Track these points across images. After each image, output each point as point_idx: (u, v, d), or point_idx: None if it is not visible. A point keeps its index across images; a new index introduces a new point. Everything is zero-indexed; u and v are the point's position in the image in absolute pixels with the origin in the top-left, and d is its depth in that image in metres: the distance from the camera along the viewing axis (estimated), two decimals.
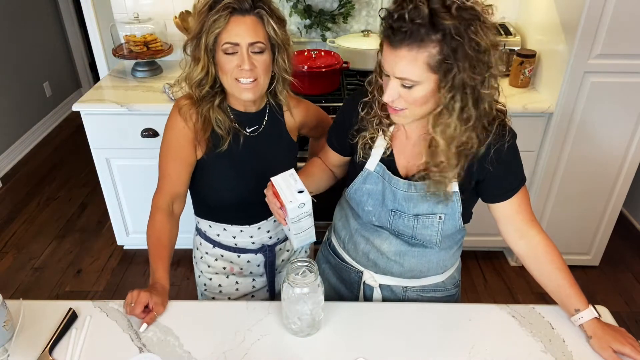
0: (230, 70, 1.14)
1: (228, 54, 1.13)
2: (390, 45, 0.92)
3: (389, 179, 1.12)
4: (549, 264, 1.13)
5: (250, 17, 1.11)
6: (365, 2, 2.49)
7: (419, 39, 0.88)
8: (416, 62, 0.91)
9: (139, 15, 2.40)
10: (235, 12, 1.10)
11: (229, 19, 1.10)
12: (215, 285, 1.41)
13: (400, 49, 0.90)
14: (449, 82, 0.92)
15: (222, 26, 1.10)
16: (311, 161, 1.34)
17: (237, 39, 1.11)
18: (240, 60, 1.12)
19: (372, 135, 1.12)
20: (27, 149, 3.72)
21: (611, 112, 2.06)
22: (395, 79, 0.95)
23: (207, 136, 1.22)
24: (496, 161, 1.06)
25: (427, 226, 1.13)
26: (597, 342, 1.06)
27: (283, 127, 1.32)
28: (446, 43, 0.88)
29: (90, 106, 2.15)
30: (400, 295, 1.25)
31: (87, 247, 2.74)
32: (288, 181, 1.07)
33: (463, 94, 0.94)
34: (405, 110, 1.00)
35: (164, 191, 1.24)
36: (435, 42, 0.88)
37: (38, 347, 1.05)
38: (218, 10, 1.09)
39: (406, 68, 0.92)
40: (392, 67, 0.94)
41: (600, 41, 1.90)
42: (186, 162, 1.24)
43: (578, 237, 2.43)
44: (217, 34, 1.11)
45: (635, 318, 2.29)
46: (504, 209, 1.14)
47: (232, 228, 1.34)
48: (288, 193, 1.05)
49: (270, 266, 1.42)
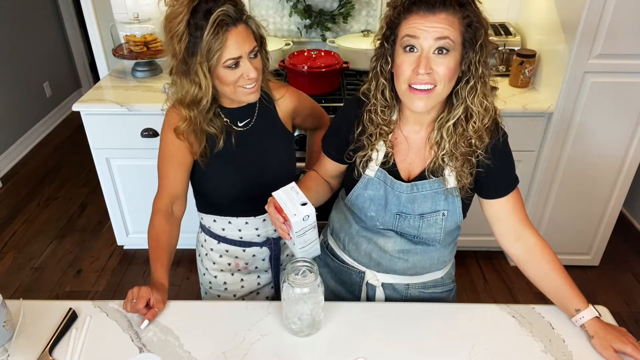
0: (235, 81, 1.14)
1: (231, 68, 1.11)
2: (426, 12, 0.95)
3: (392, 183, 1.13)
4: (546, 265, 1.13)
5: (241, 25, 1.10)
6: (365, 2, 2.49)
7: (455, 3, 0.95)
8: (453, 25, 0.96)
9: (139, 15, 2.40)
10: (229, 26, 1.08)
11: (226, 37, 1.08)
12: (220, 283, 1.42)
13: (439, 13, 0.95)
14: (477, 52, 0.99)
15: (221, 47, 1.07)
16: (307, 175, 1.32)
17: (238, 53, 1.10)
18: (246, 70, 1.12)
19: (371, 152, 1.13)
20: (27, 149, 3.72)
21: (611, 112, 2.06)
22: (429, 49, 0.97)
23: (202, 145, 1.22)
24: (493, 156, 1.08)
25: (432, 224, 1.14)
26: (598, 342, 1.06)
27: (275, 116, 1.32)
28: (472, 11, 0.97)
29: (90, 106, 2.16)
30: (403, 293, 1.25)
31: (87, 247, 2.74)
32: (290, 194, 1.06)
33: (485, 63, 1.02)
34: (435, 89, 1.00)
35: (163, 193, 1.24)
36: (462, 12, 0.96)
37: (38, 347, 1.05)
38: (215, 30, 1.05)
39: (446, 29, 0.95)
40: (430, 33, 0.95)
41: (600, 41, 1.90)
42: (182, 164, 1.24)
43: (578, 237, 2.43)
44: (219, 55, 1.08)
45: (635, 318, 2.29)
46: (499, 209, 1.15)
47: (237, 221, 1.35)
48: (291, 206, 1.04)
49: (275, 260, 1.42)
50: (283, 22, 2.55)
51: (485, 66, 1.02)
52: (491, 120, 1.06)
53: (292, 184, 1.07)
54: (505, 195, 1.13)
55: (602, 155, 2.17)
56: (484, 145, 1.07)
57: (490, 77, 1.05)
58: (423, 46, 0.97)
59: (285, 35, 2.59)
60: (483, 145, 1.07)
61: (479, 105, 1.04)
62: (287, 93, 1.34)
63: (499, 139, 1.09)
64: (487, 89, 1.04)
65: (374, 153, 1.12)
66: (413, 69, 0.98)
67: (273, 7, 2.50)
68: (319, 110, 1.48)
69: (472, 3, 0.98)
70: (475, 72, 1.02)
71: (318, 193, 1.28)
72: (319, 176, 1.31)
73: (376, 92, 1.08)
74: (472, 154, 1.07)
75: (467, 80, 1.03)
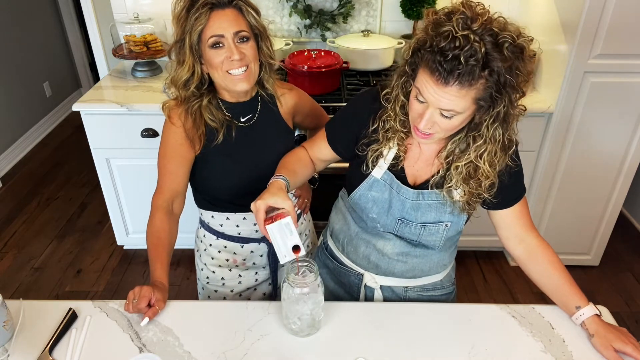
0: (220, 63, 1.15)
1: (215, 47, 1.14)
2: (439, 81, 0.90)
3: (398, 188, 1.12)
4: (548, 265, 1.13)
5: (229, 9, 1.14)
6: (365, 2, 2.49)
7: (471, 78, 0.88)
8: (464, 98, 0.91)
9: (139, 15, 2.40)
10: (215, 7, 1.13)
11: (210, 15, 1.12)
12: (218, 278, 1.42)
13: (451, 87, 0.89)
14: (493, 116, 0.96)
15: (204, 23, 1.12)
16: (296, 156, 1.26)
17: (221, 31, 1.13)
18: (229, 51, 1.14)
19: (384, 148, 1.11)
20: (27, 149, 3.72)
21: (611, 112, 2.06)
22: (435, 109, 0.95)
23: (199, 133, 1.24)
24: (505, 172, 1.07)
25: (433, 233, 1.14)
26: (599, 341, 1.06)
27: (277, 114, 1.33)
28: (495, 80, 0.89)
29: (90, 106, 2.15)
30: (402, 296, 1.25)
31: (87, 247, 2.74)
32: (283, 232, 1.02)
33: (503, 122, 0.98)
34: (435, 134, 1.01)
35: (164, 190, 1.24)
36: (485, 79, 0.89)
37: (38, 347, 1.05)
38: (198, 9, 1.11)
39: (453, 102, 0.92)
40: (438, 101, 0.92)
41: (600, 41, 1.90)
42: (184, 159, 1.25)
43: (578, 237, 2.43)
44: (200, 31, 1.13)
45: (635, 318, 2.29)
46: (505, 216, 1.15)
47: (235, 216, 1.35)
48: (282, 246, 1.02)
49: (273, 256, 1.42)
50: (283, 22, 2.55)
51: (502, 128, 0.99)
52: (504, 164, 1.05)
53: (288, 219, 1.02)
54: (512, 206, 1.13)
55: (602, 155, 2.17)
56: (494, 188, 1.07)
57: (512, 129, 1.01)
58: (430, 103, 0.95)
59: (285, 35, 2.59)
60: (494, 190, 1.07)
61: (487, 165, 1.02)
62: (289, 92, 1.36)
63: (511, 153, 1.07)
64: (499, 147, 1.02)
65: (385, 149, 1.10)
66: (419, 114, 0.98)
67: (273, 7, 2.51)
68: (319, 110, 1.49)
69: (499, 73, 0.89)
70: (487, 133, 0.99)
71: (303, 176, 1.24)
72: (307, 158, 1.26)
73: (395, 105, 1.06)
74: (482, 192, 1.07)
75: (475, 136, 1.01)
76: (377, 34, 2.52)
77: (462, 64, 0.86)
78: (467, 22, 0.88)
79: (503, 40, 0.88)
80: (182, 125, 1.22)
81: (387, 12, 2.52)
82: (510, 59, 0.88)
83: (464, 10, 0.90)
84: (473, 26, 0.87)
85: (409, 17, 2.40)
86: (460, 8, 0.90)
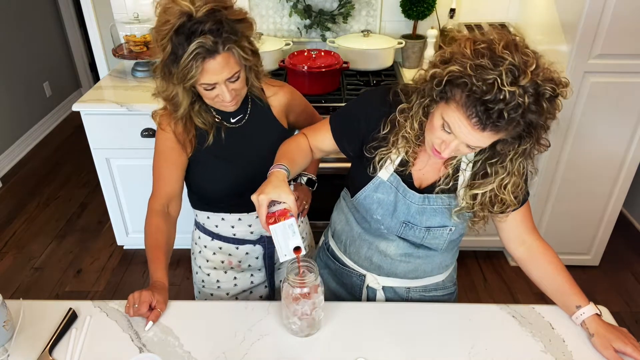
0: (212, 98, 1.15)
1: (207, 90, 1.13)
2: (476, 127, 0.88)
3: (404, 191, 1.11)
4: (548, 265, 1.13)
5: (220, 55, 1.06)
6: (365, 2, 2.49)
7: (508, 126, 0.88)
8: (494, 138, 0.92)
9: (139, 15, 2.41)
10: (208, 56, 1.05)
11: (202, 67, 1.06)
12: (213, 281, 1.42)
13: (488, 132, 0.89)
14: (519, 152, 0.98)
15: (196, 75, 1.07)
16: (297, 141, 1.23)
17: (214, 80, 1.09)
18: (221, 94, 1.13)
19: (392, 153, 1.09)
20: (27, 149, 3.72)
21: (611, 112, 2.06)
22: (462, 143, 0.94)
23: (190, 137, 1.24)
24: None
25: (437, 237, 1.14)
26: (599, 341, 1.06)
27: (269, 112, 1.32)
28: (527, 124, 0.89)
29: (90, 106, 2.16)
30: (404, 296, 1.25)
31: (87, 247, 2.74)
32: (286, 232, 1.02)
33: (528, 157, 1.00)
34: (456, 158, 1.03)
35: (159, 193, 1.25)
36: (517, 124, 0.88)
37: (38, 347, 1.05)
38: (189, 59, 1.04)
39: (483, 142, 0.93)
40: (467, 139, 0.92)
41: (600, 41, 1.90)
42: (177, 163, 1.26)
43: (578, 237, 2.43)
44: (194, 81, 1.09)
45: (635, 318, 2.29)
46: (509, 220, 1.14)
47: (231, 217, 1.35)
48: (284, 245, 1.03)
49: (269, 259, 1.42)
50: (283, 22, 2.55)
51: (526, 162, 1.01)
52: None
53: (292, 220, 1.01)
54: (515, 211, 1.13)
55: (602, 155, 2.17)
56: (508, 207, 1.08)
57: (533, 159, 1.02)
58: (458, 139, 0.93)
59: (285, 35, 2.58)
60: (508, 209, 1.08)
61: (510, 195, 1.04)
62: (280, 90, 1.33)
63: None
64: (523, 179, 1.04)
65: (394, 154, 1.09)
66: (442, 141, 0.97)
67: (273, 7, 2.50)
68: (312, 111, 1.46)
69: (533, 119, 0.88)
70: (511, 166, 1.01)
71: (301, 166, 1.21)
72: (307, 146, 1.23)
73: (413, 121, 1.04)
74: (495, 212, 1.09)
75: (498, 168, 1.02)
76: (377, 34, 2.52)
77: (503, 119, 0.85)
78: (515, 75, 0.84)
79: (544, 91, 0.87)
80: (172, 131, 1.23)
81: (387, 12, 2.51)
82: (547, 110, 0.89)
83: (510, 53, 0.84)
84: (521, 81, 0.84)
85: (409, 17, 2.40)
86: (504, 51, 0.85)
